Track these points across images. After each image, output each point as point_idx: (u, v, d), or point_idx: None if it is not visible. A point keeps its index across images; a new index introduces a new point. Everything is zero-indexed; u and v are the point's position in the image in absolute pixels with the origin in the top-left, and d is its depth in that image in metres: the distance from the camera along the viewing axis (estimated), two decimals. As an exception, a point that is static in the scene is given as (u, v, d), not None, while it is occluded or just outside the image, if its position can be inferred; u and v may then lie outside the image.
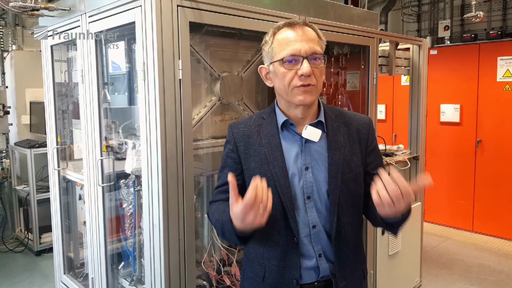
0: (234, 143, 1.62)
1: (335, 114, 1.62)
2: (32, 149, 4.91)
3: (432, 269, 4.54)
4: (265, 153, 1.55)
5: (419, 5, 7.12)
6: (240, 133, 1.62)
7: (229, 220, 1.39)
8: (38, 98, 5.48)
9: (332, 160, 1.52)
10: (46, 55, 2.96)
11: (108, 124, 2.56)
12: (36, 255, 4.96)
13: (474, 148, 5.60)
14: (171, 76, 1.90)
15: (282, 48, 1.48)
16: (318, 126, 1.55)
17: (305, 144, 1.54)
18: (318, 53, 1.48)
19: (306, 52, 1.45)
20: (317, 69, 1.47)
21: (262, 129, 1.59)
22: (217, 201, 1.63)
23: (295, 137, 1.56)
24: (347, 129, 1.60)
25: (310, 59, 1.45)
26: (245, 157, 1.59)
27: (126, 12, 2.04)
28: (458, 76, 5.70)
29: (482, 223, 5.62)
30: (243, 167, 1.60)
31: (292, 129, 1.56)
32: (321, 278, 1.55)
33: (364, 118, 1.67)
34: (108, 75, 2.61)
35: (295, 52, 1.45)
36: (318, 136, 1.53)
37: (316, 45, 1.48)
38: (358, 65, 3.12)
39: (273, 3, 2.34)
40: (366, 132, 1.63)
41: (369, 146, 1.63)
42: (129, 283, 2.45)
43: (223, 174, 1.63)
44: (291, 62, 1.46)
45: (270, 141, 1.56)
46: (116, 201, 2.56)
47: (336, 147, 1.54)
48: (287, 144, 1.56)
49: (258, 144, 1.57)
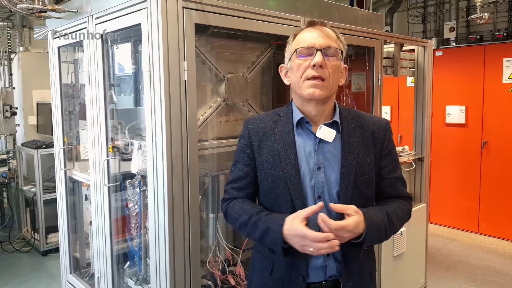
0: (248, 138, 1.64)
1: (351, 115, 1.63)
2: (39, 149, 4.94)
3: (437, 270, 4.53)
4: (279, 150, 1.56)
5: (425, 7, 7.10)
6: (255, 129, 1.64)
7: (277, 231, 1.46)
8: (45, 99, 5.51)
9: (345, 161, 1.53)
10: (53, 57, 2.99)
11: (114, 125, 2.58)
12: (43, 255, 4.99)
13: (479, 150, 5.59)
14: (177, 77, 1.92)
15: (299, 43, 1.54)
16: (333, 126, 1.56)
17: (319, 143, 1.55)
18: (333, 48, 1.52)
19: (321, 45, 1.50)
20: (331, 64, 1.50)
21: (277, 125, 1.61)
22: (235, 199, 1.65)
23: (310, 136, 1.57)
24: (362, 131, 1.60)
25: (325, 53, 1.50)
26: (259, 153, 1.61)
27: (133, 13, 2.06)
28: (463, 77, 5.69)
29: (488, 225, 5.60)
30: (256, 162, 1.62)
31: (307, 127, 1.58)
32: (329, 278, 1.56)
33: (381, 120, 1.67)
34: (115, 76, 2.63)
35: (310, 44, 1.50)
36: (332, 137, 1.54)
37: (333, 42, 1.53)
38: (363, 66, 3.13)
39: (278, 4, 2.35)
40: (382, 135, 1.62)
41: (384, 149, 1.62)
42: (134, 282, 2.47)
43: (236, 168, 1.66)
44: (305, 56, 1.51)
45: (284, 138, 1.57)
46: (122, 202, 2.58)
47: (350, 149, 1.55)
48: (301, 142, 1.57)
49: (272, 141, 1.59)
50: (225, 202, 1.69)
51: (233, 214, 1.63)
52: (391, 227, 1.54)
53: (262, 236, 1.51)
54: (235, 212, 1.62)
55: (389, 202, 1.62)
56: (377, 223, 1.49)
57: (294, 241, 1.42)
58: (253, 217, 1.54)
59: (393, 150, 1.66)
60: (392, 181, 1.64)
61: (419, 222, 3.67)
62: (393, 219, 1.55)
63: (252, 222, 1.53)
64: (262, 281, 1.65)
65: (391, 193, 1.65)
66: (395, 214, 1.57)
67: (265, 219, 1.52)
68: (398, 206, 1.61)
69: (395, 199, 1.64)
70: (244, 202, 1.63)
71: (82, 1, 2.51)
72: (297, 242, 1.42)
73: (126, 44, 2.54)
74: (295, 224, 1.41)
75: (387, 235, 1.55)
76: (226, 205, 1.67)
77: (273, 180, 1.56)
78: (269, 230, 1.48)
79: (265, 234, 1.50)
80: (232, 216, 1.63)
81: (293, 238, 1.42)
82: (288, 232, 1.43)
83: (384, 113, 6.31)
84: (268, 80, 2.57)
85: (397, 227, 1.58)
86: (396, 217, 1.57)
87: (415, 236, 3.63)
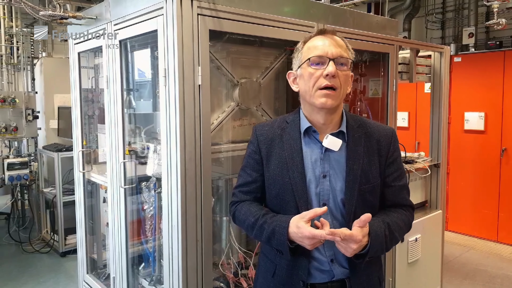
0: (257, 144, 1.67)
1: (358, 124, 1.65)
2: (59, 152, 5.04)
3: (454, 279, 4.47)
4: (286, 157, 1.59)
5: (443, 12, 7.05)
6: (264, 135, 1.67)
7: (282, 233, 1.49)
8: (66, 103, 5.62)
9: (350, 170, 1.55)
10: (74, 62, 3.07)
11: (132, 129, 2.64)
12: (61, 256, 5.07)
13: (499, 157, 5.50)
14: (191, 82, 1.96)
15: (310, 52, 1.55)
16: (339, 135, 1.58)
17: (325, 152, 1.57)
18: (344, 57, 1.53)
19: (333, 54, 1.51)
20: (342, 74, 1.53)
21: (285, 133, 1.64)
22: (243, 202, 1.69)
23: (316, 144, 1.59)
24: (368, 140, 1.62)
25: (337, 63, 1.51)
26: (267, 159, 1.64)
27: (149, 20, 2.12)
28: (482, 83, 5.62)
29: (507, 233, 5.50)
30: (264, 168, 1.65)
31: (314, 136, 1.60)
32: (335, 279, 1.58)
33: (386, 129, 1.69)
34: (134, 81, 2.69)
35: (323, 53, 1.52)
36: (338, 146, 1.56)
37: (343, 51, 1.54)
38: (378, 72, 3.13)
39: (292, 11, 2.38)
40: (387, 144, 1.64)
41: (390, 157, 1.63)
42: (148, 283, 2.52)
43: (245, 173, 1.70)
44: (318, 64, 1.52)
45: (292, 146, 1.60)
46: (138, 204, 2.63)
47: (355, 158, 1.57)
48: (307, 150, 1.59)
49: (279, 148, 1.62)
50: (233, 205, 1.72)
51: (241, 217, 1.66)
52: (391, 239, 1.56)
53: (269, 238, 1.55)
54: (242, 214, 1.65)
55: (391, 213, 1.63)
56: (380, 235, 1.51)
57: (305, 243, 1.45)
58: (260, 219, 1.58)
59: (398, 158, 1.67)
60: (397, 189, 1.65)
61: (435, 229, 3.63)
62: (394, 231, 1.57)
63: (258, 224, 1.57)
64: (265, 282, 1.68)
65: (394, 201, 1.66)
66: (396, 226, 1.58)
67: (270, 221, 1.55)
68: (399, 217, 1.62)
69: (398, 208, 1.65)
70: (251, 204, 1.66)
71: (101, 8, 2.59)
72: (307, 242, 1.45)
73: (145, 50, 2.60)
74: (301, 225, 1.45)
75: (388, 247, 1.57)
76: (234, 208, 1.71)
77: (280, 186, 1.60)
78: (275, 233, 1.51)
79: (272, 236, 1.53)
80: (240, 218, 1.67)
81: (303, 240, 1.45)
82: (295, 234, 1.46)
83: (402, 119, 6.27)
84: (282, 85, 2.59)
85: (398, 238, 1.60)
86: (397, 229, 1.59)
87: (431, 243, 3.59)
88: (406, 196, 1.68)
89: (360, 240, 1.42)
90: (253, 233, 1.62)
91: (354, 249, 1.43)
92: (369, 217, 1.43)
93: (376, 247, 1.48)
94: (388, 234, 1.53)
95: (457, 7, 6.89)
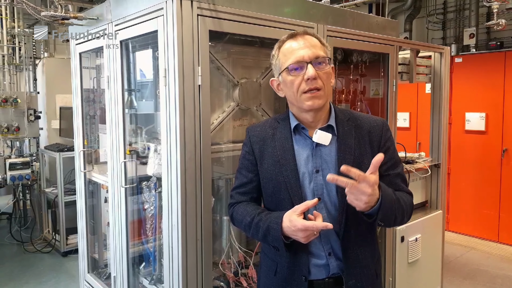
0: (250, 145, 1.70)
1: (347, 117, 1.66)
2: (61, 152, 5.07)
3: (455, 279, 4.48)
4: (278, 155, 1.61)
5: (444, 13, 7.06)
6: (256, 136, 1.70)
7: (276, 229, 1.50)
8: (67, 103, 5.64)
9: (341, 163, 1.55)
10: (75, 62, 3.08)
11: (133, 129, 2.65)
12: (63, 256, 5.10)
13: (499, 157, 5.51)
14: (191, 82, 1.97)
15: (287, 58, 1.56)
16: (328, 130, 1.60)
17: (316, 147, 1.59)
18: (321, 56, 1.54)
19: (310, 57, 1.52)
20: (323, 73, 1.53)
21: (276, 132, 1.66)
22: (240, 203, 1.71)
23: (307, 140, 1.61)
24: (359, 132, 1.63)
25: (315, 63, 1.52)
26: (260, 159, 1.67)
27: (150, 21, 2.13)
28: (483, 84, 5.63)
29: (508, 234, 5.50)
30: (259, 168, 1.68)
31: (304, 133, 1.63)
32: (332, 275, 1.60)
33: (377, 120, 1.70)
34: (136, 82, 2.70)
35: (299, 58, 1.53)
36: (328, 140, 1.58)
37: (319, 50, 1.55)
38: (378, 72, 3.14)
39: (292, 12, 2.39)
40: (378, 134, 1.64)
41: (382, 147, 1.63)
42: (149, 282, 2.53)
43: (240, 175, 1.73)
44: (297, 70, 1.53)
45: (283, 144, 1.62)
46: (139, 204, 2.65)
47: (346, 150, 1.58)
48: (299, 147, 1.62)
49: (272, 147, 1.64)
50: (231, 207, 1.75)
51: (238, 217, 1.68)
52: (398, 207, 1.52)
53: (264, 235, 1.56)
54: (239, 215, 1.67)
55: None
56: (390, 194, 1.47)
57: (299, 236, 1.46)
58: (255, 218, 1.60)
59: (391, 147, 1.66)
60: (392, 177, 1.63)
61: (435, 229, 3.64)
62: (400, 199, 1.54)
63: (254, 223, 1.59)
64: (268, 281, 1.70)
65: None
66: (400, 197, 1.56)
67: (265, 219, 1.57)
68: (402, 193, 1.61)
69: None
70: (247, 204, 1.68)
71: (102, 9, 2.60)
72: (300, 235, 1.45)
73: (146, 50, 2.61)
74: (293, 219, 1.46)
75: (397, 213, 1.52)
76: (232, 210, 1.73)
77: (274, 185, 1.62)
78: (270, 229, 1.53)
79: (267, 233, 1.54)
80: (237, 219, 1.69)
81: (297, 233, 1.45)
82: (288, 228, 1.47)
83: (403, 119, 6.28)
84: (282, 85, 2.59)
85: (404, 209, 1.56)
86: (402, 201, 1.56)
87: (431, 243, 3.60)
88: (402, 184, 1.65)
89: (373, 185, 1.36)
90: (250, 233, 1.64)
91: (367, 196, 1.36)
92: (382, 156, 1.38)
93: (386, 205, 1.43)
94: (395, 199, 1.50)
95: (458, 7, 6.89)
